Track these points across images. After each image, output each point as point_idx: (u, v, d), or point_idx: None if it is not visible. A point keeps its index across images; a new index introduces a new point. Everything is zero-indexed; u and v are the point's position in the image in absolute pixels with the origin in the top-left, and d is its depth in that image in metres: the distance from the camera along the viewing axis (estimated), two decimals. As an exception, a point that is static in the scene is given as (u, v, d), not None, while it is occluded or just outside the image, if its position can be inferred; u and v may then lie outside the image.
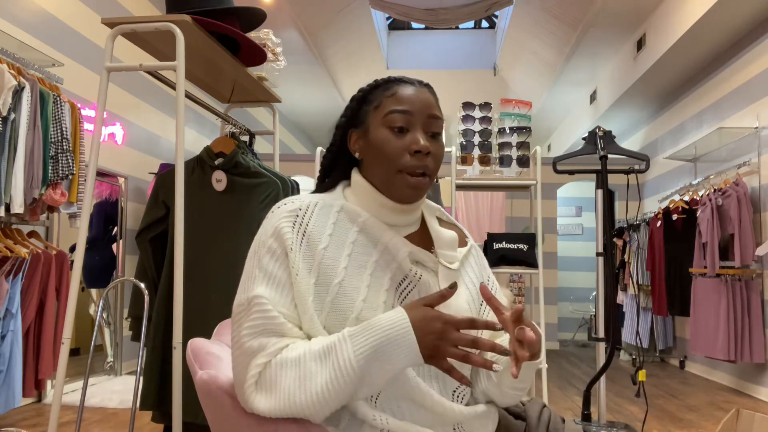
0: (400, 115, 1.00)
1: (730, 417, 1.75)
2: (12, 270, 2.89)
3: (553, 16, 6.29)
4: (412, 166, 0.99)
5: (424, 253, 1.03)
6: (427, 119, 1.02)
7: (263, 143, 7.85)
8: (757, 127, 4.63)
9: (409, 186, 1.00)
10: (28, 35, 3.80)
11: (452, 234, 1.09)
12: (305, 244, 0.97)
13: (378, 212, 1.04)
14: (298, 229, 0.98)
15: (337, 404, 0.89)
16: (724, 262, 4.67)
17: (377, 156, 1.01)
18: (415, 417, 0.96)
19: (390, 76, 1.08)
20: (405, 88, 1.03)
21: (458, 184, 3.50)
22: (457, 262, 1.07)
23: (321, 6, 6.27)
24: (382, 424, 0.92)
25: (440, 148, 1.04)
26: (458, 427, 0.99)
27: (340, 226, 1.01)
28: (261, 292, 0.94)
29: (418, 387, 0.95)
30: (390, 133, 1.01)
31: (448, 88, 8.98)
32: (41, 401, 3.84)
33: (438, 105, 1.06)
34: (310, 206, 1.02)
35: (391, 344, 0.86)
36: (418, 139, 0.99)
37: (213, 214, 2.19)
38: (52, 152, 3.03)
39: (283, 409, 0.89)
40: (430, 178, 1.02)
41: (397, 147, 1.00)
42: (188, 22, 1.90)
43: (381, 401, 0.95)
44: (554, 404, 4.12)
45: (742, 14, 4.57)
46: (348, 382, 0.86)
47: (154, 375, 2.12)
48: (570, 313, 8.84)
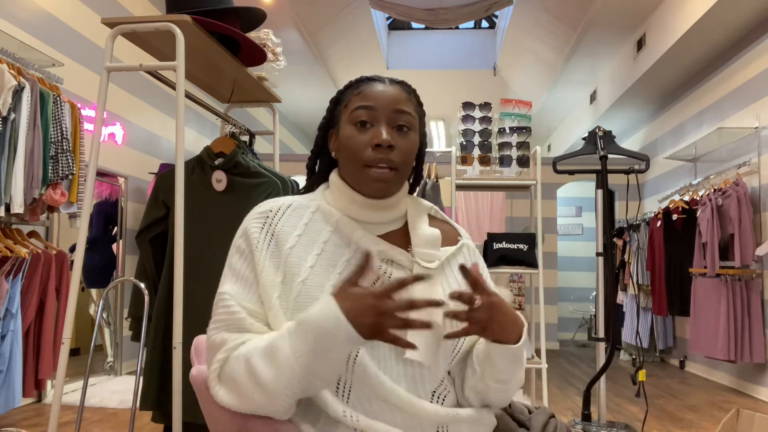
0: (364, 111, 1.01)
1: (730, 417, 1.75)
2: (12, 270, 2.89)
3: (553, 16, 6.29)
4: (374, 160, 0.99)
5: (398, 251, 1.02)
6: (393, 113, 1.02)
7: (263, 143, 7.85)
8: (757, 127, 4.63)
9: (373, 179, 1.00)
10: (28, 35, 3.80)
11: (434, 232, 1.06)
12: (273, 243, 1.00)
13: (352, 211, 1.04)
14: (267, 229, 1.02)
15: (289, 399, 0.88)
16: (724, 262, 4.67)
17: (345, 152, 1.03)
18: (388, 417, 0.94)
19: (363, 76, 1.08)
20: (372, 86, 1.04)
21: (458, 184, 3.50)
22: (436, 261, 1.04)
23: (321, 6, 6.27)
24: (353, 421, 0.92)
25: (408, 143, 1.02)
26: (442, 430, 0.97)
27: (314, 226, 1.03)
28: (226, 289, 0.98)
29: (390, 388, 0.94)
30: (354, 129, 1.02)
31: (448, 88, 8.98)
32: (41, 401, 3.84)
33: (412, 101, 1.06)
34: (281, 208, 1.05)
35: (327, 337, 0.84)
36: (380, 133, 0.99)
37: (213, 214, 2.19)
38: (52, 152, 3.03)
39: (240, 404, 0.92)
40: (397, 171, 1.01)
41: (360, 142, 1.00)
42: (188, 22, 1.90)
43: (353, 400, 0.94)
44: (554, 404, 4.12)
45: (742, 14, 4.57)
46: (293, 378, 0.86)
47: (154, 375, 2.12)
48: (570, 313, 8.84)
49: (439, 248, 1.07)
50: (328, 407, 0.93)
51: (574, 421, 3.21)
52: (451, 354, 1.02)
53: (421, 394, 0.98)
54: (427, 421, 0.96)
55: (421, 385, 0.98)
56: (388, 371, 0.96)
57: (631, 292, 6.31)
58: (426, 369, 0.99)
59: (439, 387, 1.00)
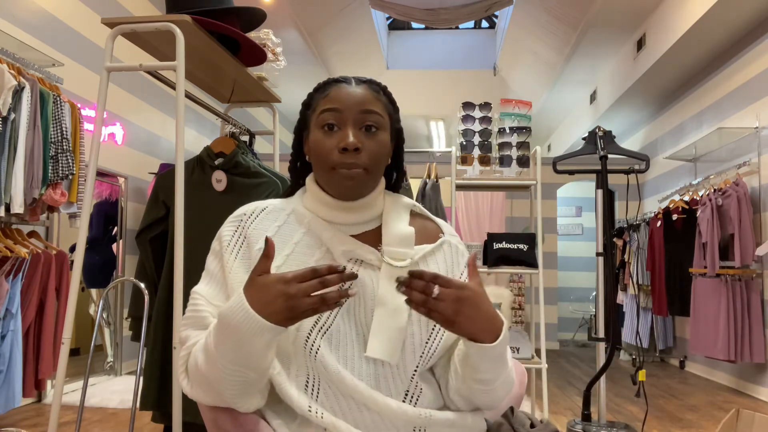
0: (330, 113, 1.01)
1: (730, 417, 1.75)
2: (12, 270, 2.89)
3: (553, 16, 6.29)
4: (341, 164, 0.99)
5: (367, 250, 1.02)
6: (359, 114, 1.01)
7: (263, 143, 7.84)
8: (757, 127, 4.63)
9: (343, 178, 0.99)
10: (28, 35, 3.80)
11: (407, 230, 1.04)
12: (245, 245, 1.03)
13: (326, 213, 1.05)
14: (240, 232, 1.05)
15: (233, 391, 0.91)
16: (724, 262, 4.67)
17: (314, 156, 1.03)
18: (357, 416, 0.94)
19: (330, 78, 1.08)
20: (338, 88, 1.03)
21: (458, 184, 3.50)
22: (407, 260, 1.02)
23: (321, 6, 6.27)
24: (317, 418, 0.92)
25: (375, 143, 1.01)
26: (419, 431, 0.96)
27: (287, 228, 1.05)
28: (198, 289, 1.03)
29: (351, 384, 0.94)
30: (321, 133, 1.02)
31: (448, 88, 8.98)
32: (41, 401, 3.84)
33: (380, 99, 1.04)
34: (255, 211, 1.08)
35: (238, 332, 0.85)
36: (347, 135, 0.99)
37: (213, 214, 2.19)
38: (52, 152, 3.03)
39: (198, 394, 0.96)
40: (367, 171, 1.01)
41: (327, 146, 1.00)
42: (188, 22, 1.90)
43: (321, 397, 0.95)
44: (554, 404, 4.12)
45: (742, 14, 4.57)
46: (224, 371, 0.89)
47: (154, 375, 2.12)
48: (570, 313, 8.84)
49: (413, 246, 1.04)
50: (293, 402, 0.94)
51: (574, 421, 3.21)
52: (419, 352, 0.99)
53: (392, 393, 0.97)
54: (396, 420, 0.95)
55: (392, 384, 0.97)
56: (352, 368, 0.96)
57: (631, 292, 6.31)
58: (392, 368, 0.97)
59: (410, 386, 0.98)
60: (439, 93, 9.08)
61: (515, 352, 3.16)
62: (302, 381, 0.96)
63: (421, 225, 1.11)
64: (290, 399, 0.94)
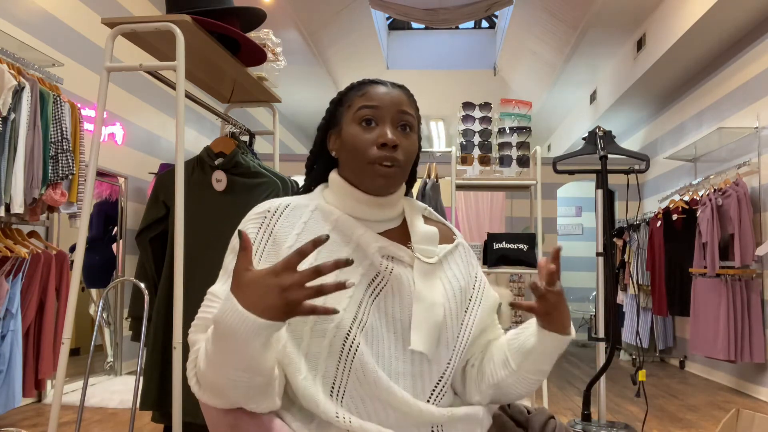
0: (369, 110, 1.04)
1: (730, 417, 1.75)
2: (12, 270, 2.89)
3: (553, 16, 6.29)
4: (380, 158, 1.01)
5: (398, 247, 1.04)
6: (397, 114, 1.04)
7: (263, 143, 7.84)
8: (757, 127, 4.63)
9: (379, 175, 1.01)
10: (28, 35, 3.80)
11: (432, 229, 1.08)
12: (271, 243, 1.01)
13: (353, 208, 1.05)
14: (265, 229, 1.02)
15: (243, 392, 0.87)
16: (724, 262, 4.67)
17: (349, 150, 1.04)
18: (382, 417, 0.94)
19: (365, 79, 1.10)
20: (376, 88, 1.06)
21: (458, 184, 3.50)
22: (435, 257, 1.06)
23: (321, 6, 6.27)
24: (345, 423, 0.91)
25: (411, 143, 1.06)
26: (437, 429, 0.97)
27: (313, 225, 1.04)
28: (215, 289, 0.99)
29: (386, 386, 0.94)
30: (359, 128, 1.04)
31: (448, 88, 8.98)
32: (41, 401, 3.84)
33: (412, 104, 1.09)
34: (279, 208, 1.05)
35: (234, 337, 0.81)
36: (386, 132, 1.02)
37: (213, 214, 2.19)
38: (52, 152, 3.03)
39: (211, 398, 0.93)
40: (401, 169, 1.04)
41: (365, 140, 1.02)
42: (188, 22, 1.90)
43: (347, 399, 0.94)
44: (554, 404, 4.12)
45: (742, 14, 4.57)
46: (228, 379, 0.86)
47: (154, 375, 2.12)
48: (570, 313, 8.84)
49: (437, 245, 1.08)
50: (318, 408, 0.92)
51: (574, 421, 3.21)
52: (452, 346, 1.02)
53: (419, 394, 0.97)
54: (420, 420, 0.96)
55: (421, 383, 0.98)
56: (388, 368, 0.96)
57: (631, 292, 6.31)
58: (427, 365, 0.99)
59: (438, 384, 1.00)
60: (439, 93, 9.08)
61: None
62: (328, 385, 0.95)
63: (436, 227, 1.14)
64: (316, 405, 0.92)
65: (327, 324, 0.94)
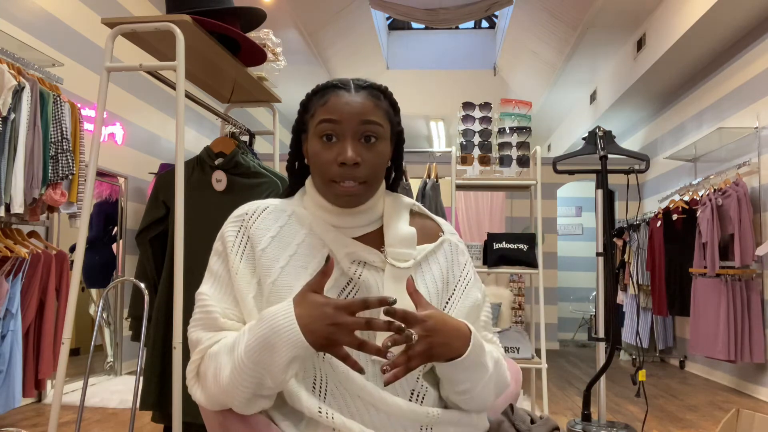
0: (329, 125, 0.99)
1: (730, 417, 1.75)
2: (12, 270, 2.89)
3: (553, 16, 6.29)
4: (340, 176, 0.98)
5: (369, 251, 1.01)
6: (359, 125, 0.98)
7: (263, 143, 7.84)
8: (757, 127, 4.63)
9: (340, 194, 0.99)
10: (28, 35, 3.80)
11: (409, 231, 1.05)
12: (249, 245, 1.02)
13: (326, 217, 1.04)
14: (243, 231, 1.03)
15: (245, 395, 0.89)
16: (724, 262, 4.67)
17: (313, 166, 1.03)
18: (365, 417, 0.94)
19: (329, 81, 1.04)
20: (338, 95, 1.00)
21: (458, 184, 3.50)
22: (410, 260, 1.02)
23: (321, 6, 6.27)
24: (328, 419, 0.92)
25: (374, 155, 1.00)
26: (425, 429, 0.96)
27: (289, 228, 1.04)
28: (204, 290, 1.01)
29: (360, 384, 0.93)
30: (320, 144, 1.00)
31: (448, 88, 8.98)
32: (41, 401, 3.84)
33: (380, 106, 1.02)
34: (257, 210, 1.06)
35: (275, 335, 0.85)
36: (345, 150, 0.97)
37: (213, 214, 2.19)
38: (52, 152, 3.03)
39: (209, 400, 0.94)
40: (366, 184, 1.00)
41: (326, 158, 0.99)
42: (188, 22, 1.90)
43: (329, 398, 0.94)
44: (554, 404, 4.12)
45: (742, 14, 4.57)
46: (245, 374, 0.87)
47: (154, 375, 2.12)
48: (570, 313, 8.84)
49: (415, 247, 1.04)
50: (302, 404, 0.93)
51: (574, 421, 3.21)
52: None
53: (398, 393, 0.97)
54: (404, 420, 0.95)
55: (398, 384, 0.96)
56: (367, 370, 0.95)
57: (631, 292, 6.31)
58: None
59: (416, 386, 0.98)
60: (439, 93, 9.08)
61: (515, 352, 3.16)
62: (309, 382, 0.95)
63: (421, 224, 1.11)
64: (299, 401, 0.93)
65: None
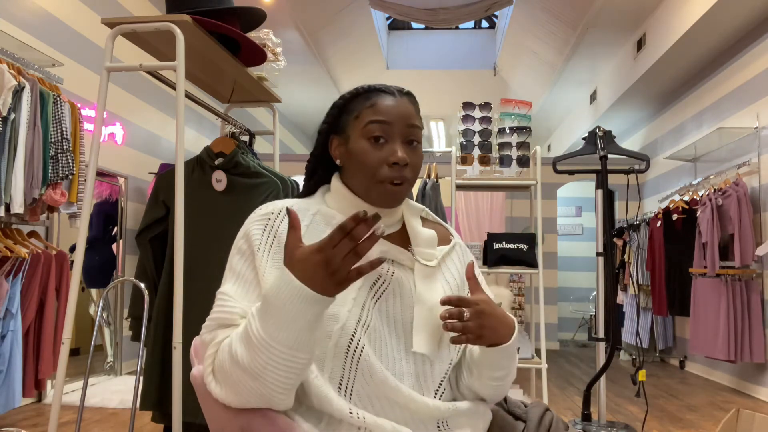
0: (379, 126, 1.02)
1: (730, 417, 1.75)
2: (12, 270, 2.89)
3: (553, 16, 6.29)
4: (390, 177, 1.01)
5: (399, 251, 1.05)
6: (406, 128, 1.04)
7: (263, 143, 7.84)
8: (757, 127, 4.63)
9: (388, 194, 1.02)
10: (28, 35, 3.80)
11: (431, 232, 1.09)
12: (276, 245, 1.01)
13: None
14: (270, 231, 1.02)
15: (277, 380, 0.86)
16: (724, 262, 4.67)
17: (357, 166, 1.03)
18: (389, 415, 0.96)
19: (371, 85, 1.08)
20: (384, 99, 1.04)
21: (458, 184, 3.50)
22: (435, 260, 1.08)
23: (321, 6, 6.27)
24: (359, 420, 0.92)
25: (418, 157, 1.06)
26: (442, 424, 0.99)
27: (315, 228, 1.04)
28: (226, 289, 0.99)
29: (393, 385, 0.95)
30: (369, 144, 1.02)
31: (448, 88, 8.98)
32: (41, 401, 3.84)
33: (417, 113, 1.08)
34: (282, 210, 1.05)
35: (288, 308, 0.83)
36: (396, 151, 1.01)
37: (213, 214, 2.19)
38: (52, 152, 3.03)
39: (235, 397, 0.91)
40: (409, 185, 1.05)
41: (376, 158, 1.02)
42: (188, 22, 1.90)
43: (354, 398, 0.95)
44: (554, 404, 4.12)
45: (742, 14, 4.57)
46: (269, 354, 0.85)
47: (154, 375, 2.12)
48: (570, 313, 8.84)
49: (436, 247, 1.10)
50: (332, 406, 0.93)
51: (574, 420, 3.21)
52: (453, 346, 1.05)
53: (423, 391, 1.00)
54: (427, 416, 0.98)
55: (424, 383, 1.00)
56: (392, 369, 0.98)
57: (631, 292, 6.31)
58: (429, 365, 1.01)
59: (442, 383, 1.02)
60: (439, 93, 9.08)
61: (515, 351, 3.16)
62: (335, 383, 0.96)
63: (434, 228, 1.16)
64: (329, 403, 0.93)
65: (332, 325, 0.95)
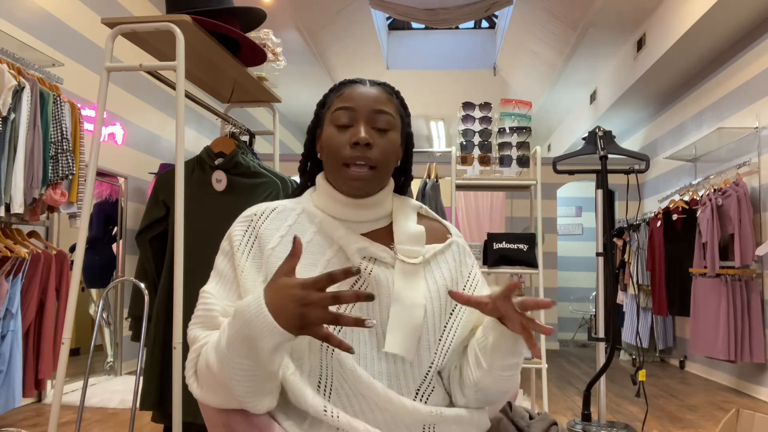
0: (344, 111, 1.03)
1: (730, 417, 1.75)
2: (12, 270, 2.89)
3: (553, 16, 6.29)
4: (352, 158, 1.01)
5: (379, 248, 1.03)
6: (372, 113, 1.03)
7: (263, 143, 7.84)
8: (757, 127, 4.63)
9: (352, 178, 1.01)
10: (28, 35, 3.80)
11: (419, 229, 1.07)
12: (256, 245, 1.03)
13: (336, 210, 1.06)
14: (251, 232, 1.05)
15: (245, 390, 0.88)
16: (724, 262, 4.67)
17: (326, 153, 1.05)
18: (369, 417, 0.95)
19: (346, 79, 1.10)
20: (353, 88, 1.06)
21: (458, 184, 3.50)
22: (419, 257, 1.04)
23: (321, 6, 6.27)
24: (333, 419, 0.92)
25: (386, 142, 1.04)
26: (428, 429, 0.97)
27: (298, 227, 1.06)
28: (208, 288, 1.01)
29: (368, 383, 0.94)
30: (335, 130, 1.04)
31: (448, 88, 8.98)
32: (41, 401, 3.84)
33: (392, 101, 1.07)
34: (266, 211, 1.08)
35: (249, 327, 0.82)
36: (359, 131, 1.01)
37: (213, 214, 2.19)
38: (52, 152, 3.03)
39: (208, 396, 0.94)
40: (377, 170, 1.03)
41: (339, 141, 1.02)
42: (188, 22, 1.90)
43: (334, 397, 0.95)
44: (554, 404, 4.12)
45: (742, 14, 4.57)
46: (234, 368, 0.86)
47: (154, 375, 2.12)
48: (570, 313, 8.84)
49: (423, 244, 1.06)
50: (308, 403, 0.93)
51: (574, 421, 3.21)
52: (434, 349, 1.01)
53: (403, 392, 0.97)
54: (408, 419, 0.95)
55: (404, 383, 0.98)
56: (370, 368, 0.96)
57: (631, 292, 6.31)
58: (408, 366, 0.98)
59: (422, 385, 0.99)
60: (439, 93, 9.08)
61: (515, 352, 3.15)
62: (314, 381, 0.95)
63: (429, 226, 1.13)
64: (305, 400, 0.93)
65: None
